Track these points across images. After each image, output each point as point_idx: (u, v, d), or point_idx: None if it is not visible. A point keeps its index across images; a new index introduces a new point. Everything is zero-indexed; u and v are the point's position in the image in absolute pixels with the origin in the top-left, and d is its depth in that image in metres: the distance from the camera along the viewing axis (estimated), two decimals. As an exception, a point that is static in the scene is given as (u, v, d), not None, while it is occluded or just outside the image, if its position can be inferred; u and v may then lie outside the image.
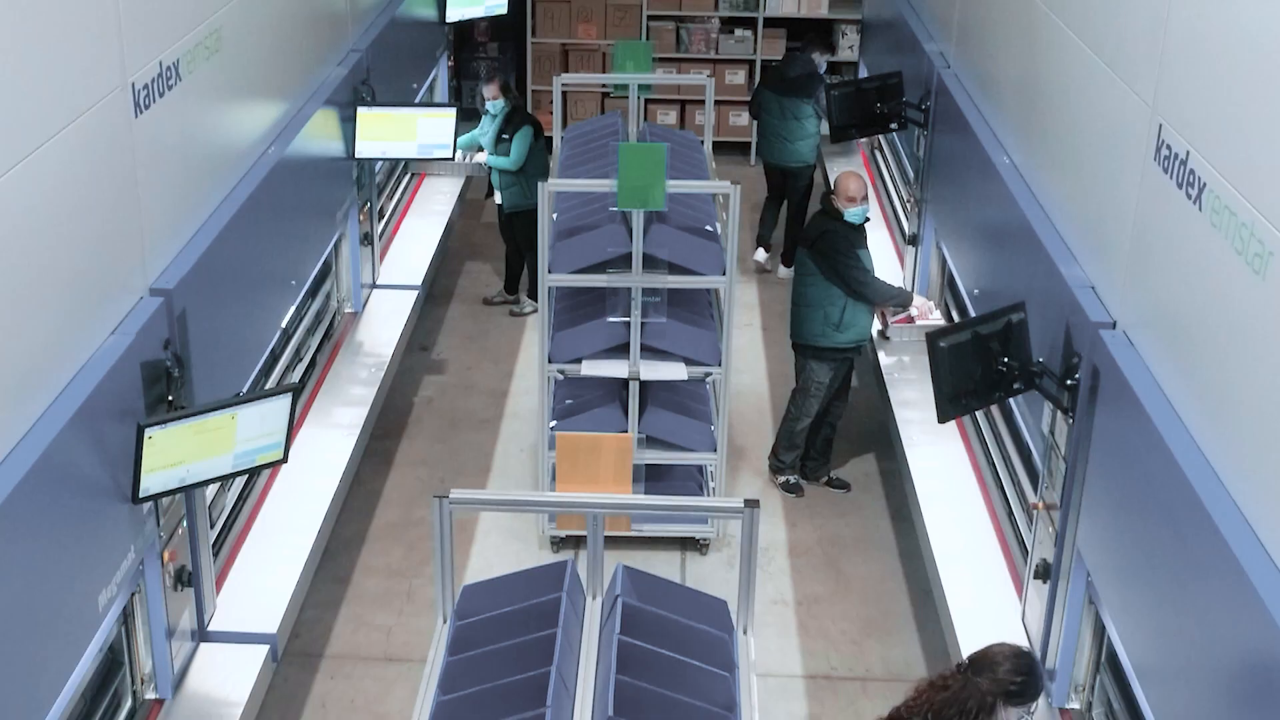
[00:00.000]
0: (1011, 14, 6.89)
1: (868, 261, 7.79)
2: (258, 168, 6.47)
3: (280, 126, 6.94)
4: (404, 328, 8.45)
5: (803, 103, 10.58)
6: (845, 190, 7.68)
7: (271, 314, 6.69)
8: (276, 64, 6.90)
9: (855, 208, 7.66)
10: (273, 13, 6.75)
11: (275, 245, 6.64)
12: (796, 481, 8.41)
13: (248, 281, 6.19)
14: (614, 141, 8.47)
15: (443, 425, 9.22)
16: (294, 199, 6.98)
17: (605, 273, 7.36)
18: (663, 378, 7.49)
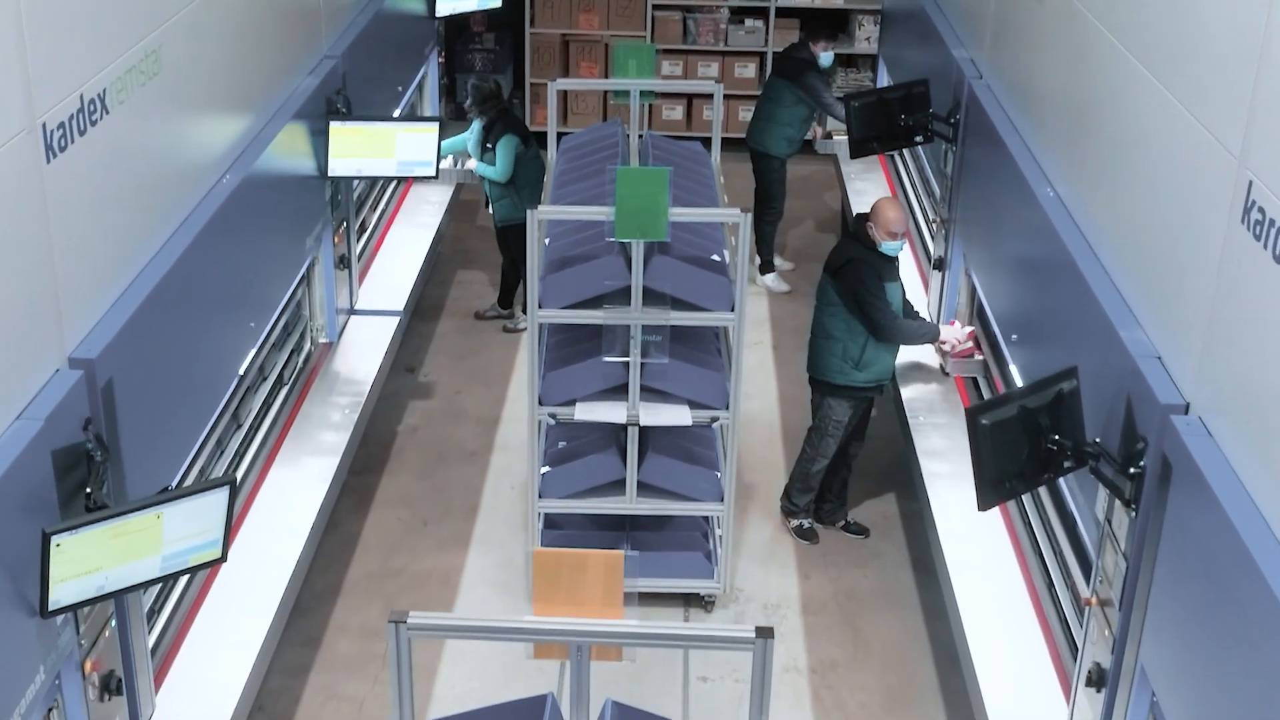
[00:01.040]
0: (1057, 27, 6.15)
1: (896, 295, 7.14)
2: (210, 199, 5.77)
3: (239, 149, 6.24)
4: (384, 358, 7.75)
5: (783, 86, 10.08)
6: (886, 221, 6.96)
7: (225, 366, 5.99)
8: (233, 80, 6.19)
9: (894, 242, 6.99)
10: (228, 23, 6.03)
11: (230, 287, 5.94)
12: (810, 526, 7.74)
13: (194, 335, 5.49)
14: (613, 161, 7.74)
15: (428, 458, 8.53)
16: (255, 229, 6.28)
17: (601, 308, 6.66)
18: (665, 423, 6.81)
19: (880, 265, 7.02)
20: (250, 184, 6.13)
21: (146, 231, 5.16)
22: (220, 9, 5.89)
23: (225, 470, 6.33)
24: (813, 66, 9.99)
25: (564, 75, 12.79)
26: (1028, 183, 6.11)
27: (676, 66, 12.70)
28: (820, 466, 7.52)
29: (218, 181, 5.91)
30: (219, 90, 5.99)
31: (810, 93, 9.93)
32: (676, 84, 8.40)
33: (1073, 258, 5.31)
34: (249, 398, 6.71)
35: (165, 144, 5.32)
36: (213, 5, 5.77)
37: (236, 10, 6.15)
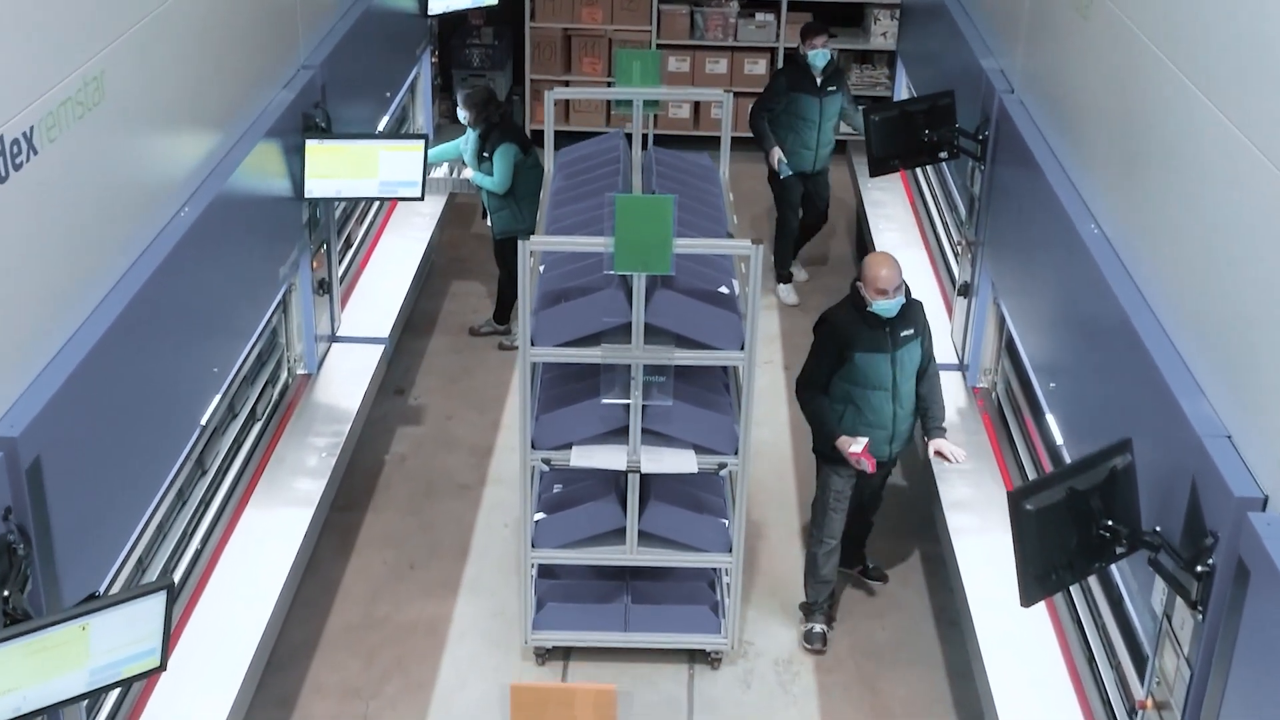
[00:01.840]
0: (1101, 43, 5.57)
1: (878, 369, 6.25)
2: (166, 235, 5.23)
3: (201, 176, 5.68)
4: (367, 391, 7.19)
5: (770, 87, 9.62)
6: (874, 278, 6.16)
7: (182, 421, 5.45)
8: (195, 100, 5.63)
9: (885, 301, 6.17)
10: (187, 38, 5.47)
11: (189, 331, 5.39)
12: (822, 631, 6.86)
13: (143, 395, 4.95)
14: (613, 178, 7.17)
15: (416, 492, 8.00)
16: (219, 264, 5.73)
17: (600, 346, 6.11)
18: (668, 470, 6.26)
19: (858, 331, 6.22)
20: (214, 214, 5.58)
21: (86, 282, 4.62)
22: (178, 23, 5.34)
23: (185, 526, 5.80)
24: (785, 69, 9.47)
25: (565, 71, 12.24)
26: (1068, 216, 5.55)
27: (683, 62, 12.13)
28: (829, 549, 6.75)
29: (175, 214, 5.35)
30: (178, 113, 5.44)
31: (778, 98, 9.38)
32: (683, 92, 7.85)
33: (1124, 311, 4.74)
34: (216, 440, 6.17)
35: (111, 179, 4.77)
36: (169, 20, 5.22)
37: (197, 23, 5.59)
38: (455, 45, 11.80)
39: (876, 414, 6.33)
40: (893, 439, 6.43)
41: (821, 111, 9.26)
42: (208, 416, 5.71)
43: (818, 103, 9.23)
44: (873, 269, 6.19)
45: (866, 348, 6.22)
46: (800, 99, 9.23)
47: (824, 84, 9.22)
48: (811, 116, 9.23)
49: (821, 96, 9.23)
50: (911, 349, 6.32)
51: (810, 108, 9.23)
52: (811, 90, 9.22)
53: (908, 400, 6.38)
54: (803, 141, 9.35)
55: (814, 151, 9.37)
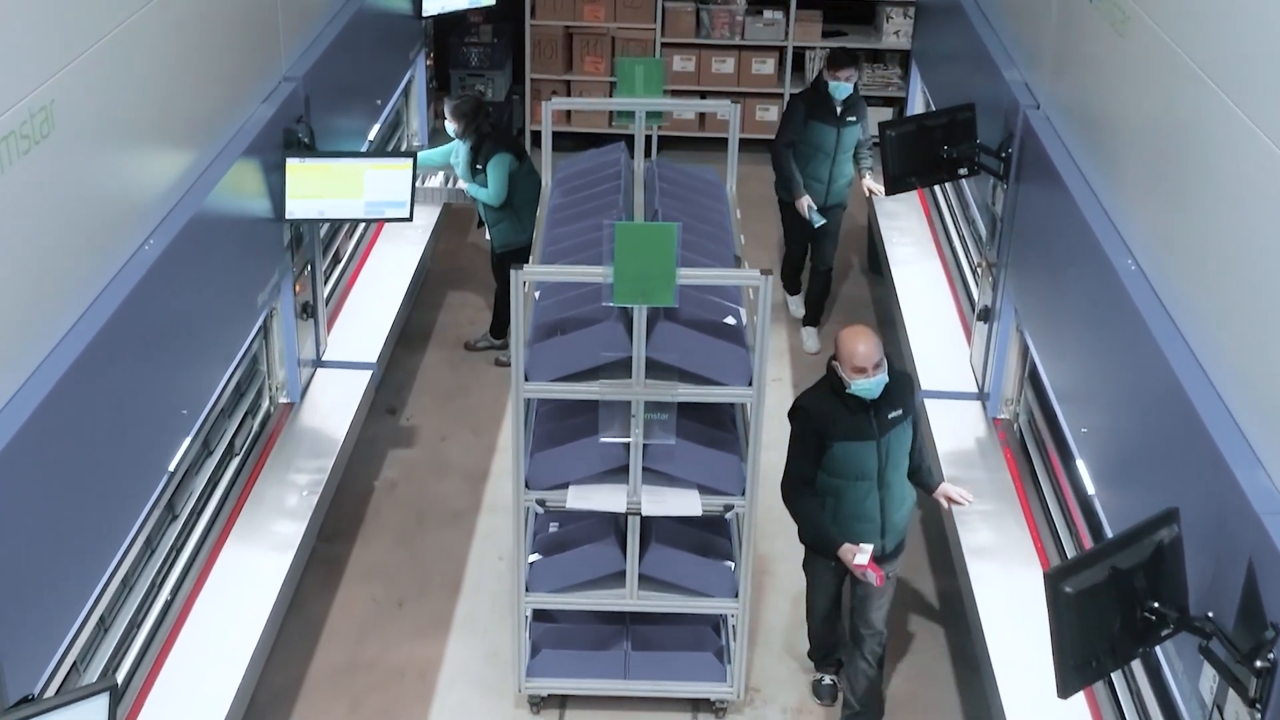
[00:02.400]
0: (1139, 62, 5.16)
1: (862, 459, 5.61)
2: (128, 271, 4.84)
3: (169, 203, 5.30)
4: (353, 420, 6.81)
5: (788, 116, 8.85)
6: (850, 355, 5.50)
7: (145, 472, 5.06)
8: (162, 122, 5.25)
9: (863, 380, 5.50)
10: (151, 58, 5.08)
11: (153, 375, 5.01)
12: (831, 684, 6.45)
13: (98, 449, 4.57)
14: (613, 197, 6.78)
15: (406, 520, 7.62)
16: (188, 299, 5.35)
17: (598, 380, 5.73)
18: (671, 513, 5.89)
19: (837, 417, 5.58)
20: (185, 243, 5.20)
21: (38, 327, 4.23)
22: (142, 42, 4.95)
23: (154, 576, 5.42)
24: (804, 95, 8.69)
25: (567, 71, 11.84)
26: (1102, 249, 5.14)
27: (689, 62, 11.72)
28: (814, 625, 6.36)
29: (140, 247, 4.96)
30: (144, 137, 5.06)
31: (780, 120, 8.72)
32: (688, 103, 7.42)
33: (1169, 365, 4.35)
34: (189, 480, 5.79)
35: (62, 218, 4.38)
36: (131, 39, 4.83)
37: (164, 41, 5.19)
38: (453, 44, 11.39)
39: (859, 507, 5.68)
40: (884, 532, 5.75)
41: (839, 143, 8.58)
42: (176, 461, 5.32)
43: (835, 133, 8.55)
44: (848, 344, 5.51)
45: (847, 435, 5.57)
46: (816, 128, 8.55)
47: (843, 113, 8.55)
48: (827, 148, 8.58)
49: (840, 127, 8.55)
50: (900, 433, 5.66)
51: (826, 138, 8.56)
52: (829, 119, 8.54)
53: (898, 491, 5.72)
54: (815, 173, 8.68)
55: (825, 185, 8.68)
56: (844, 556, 5.67)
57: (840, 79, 8.40)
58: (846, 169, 8.69)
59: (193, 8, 5.44)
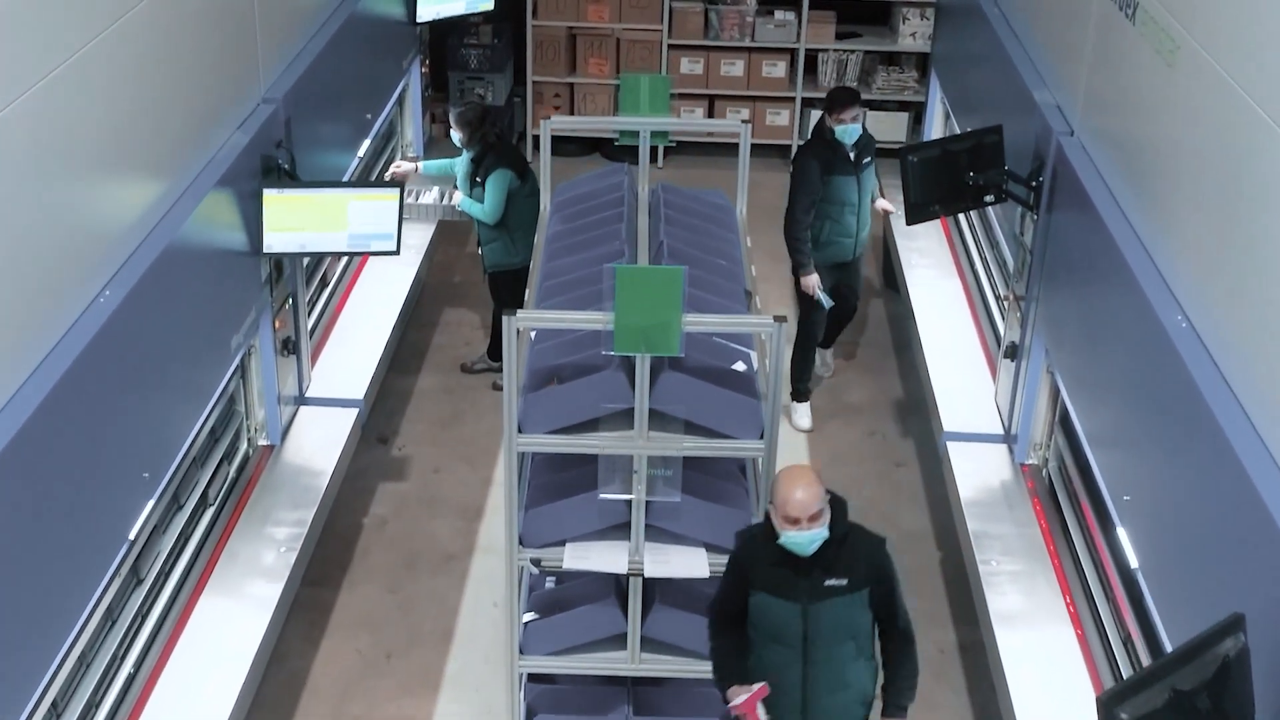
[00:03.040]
0: (1190, 95, 4.71)
1: (779, 616, 4.66)
2: (84, 323, 4.41)
3: (131, 245, 4.86)
4: (336, 464, 6.39)
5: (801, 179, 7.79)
6: (783, 502, 4.53)
7: (102, 542, 4.64)
8: (123, 155, 4.83)
9: (795, 533, 4.52)
10: (111, 81, 4.65)
11: (110, 438, 4.57)
12: None
13: (45, 521, 4.14)
14: (615, 225, 6.34)
15: (396, 563, 7.20)
16: (154, 346, 4.93)
17: (597, 432, 5.30)
18: (677, 574, 5.47)
19: (763, 569, 4.68)
20: (147, 290, 4.77)
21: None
22: (101, 66, 4.53)
23: (116, 648, 5.01)
24: (812, 149, 7.74)
25: (570, 73, 11.40)
26: (1148, 300, 4.70)
27: (697, 64, 11.27)
28: None
29: (95, 299, 4.53)
30: (101, 169, 4.63)
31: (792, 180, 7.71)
32: (696, 122, 6.97)
33: (1227, 440, 3.92)
34: (156, 539, 5.37)
35: (9, 260, 3.95)
36: (90, 63, 4.41)
37: (126, 65, 4.77)
38: (452, 46, 10.93)
39: (779, 676, 4.71)
40: (805, 715, 4.75)
41: (860, 190, 7.70)
42: (137, 528, 4.89)
43: (854, 181, 7.65)
44: (783, 488, 4.52)
45: (770, 589, 4.65)
46: (835, 182, 7.60)
47: (858, 157, 7.67)
48: (850, 199, 7.65)
49: (859, 173, 7.67)
50: (841, 608, 4.62)
51: (847, 190, 7.64)
52: (846, 169, 7.62)
53: (830, 671, 4.69)
54: (843, 229, 7.74)
55: (854, 238, 7.79)
56: (730, 696, 4.79)
57: (846, 120, 7.54)
58: (868, 214, 7.90)
59: (159, 28, 5.02)
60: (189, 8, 5.27)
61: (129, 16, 4.74)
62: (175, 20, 5.14)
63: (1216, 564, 4.01)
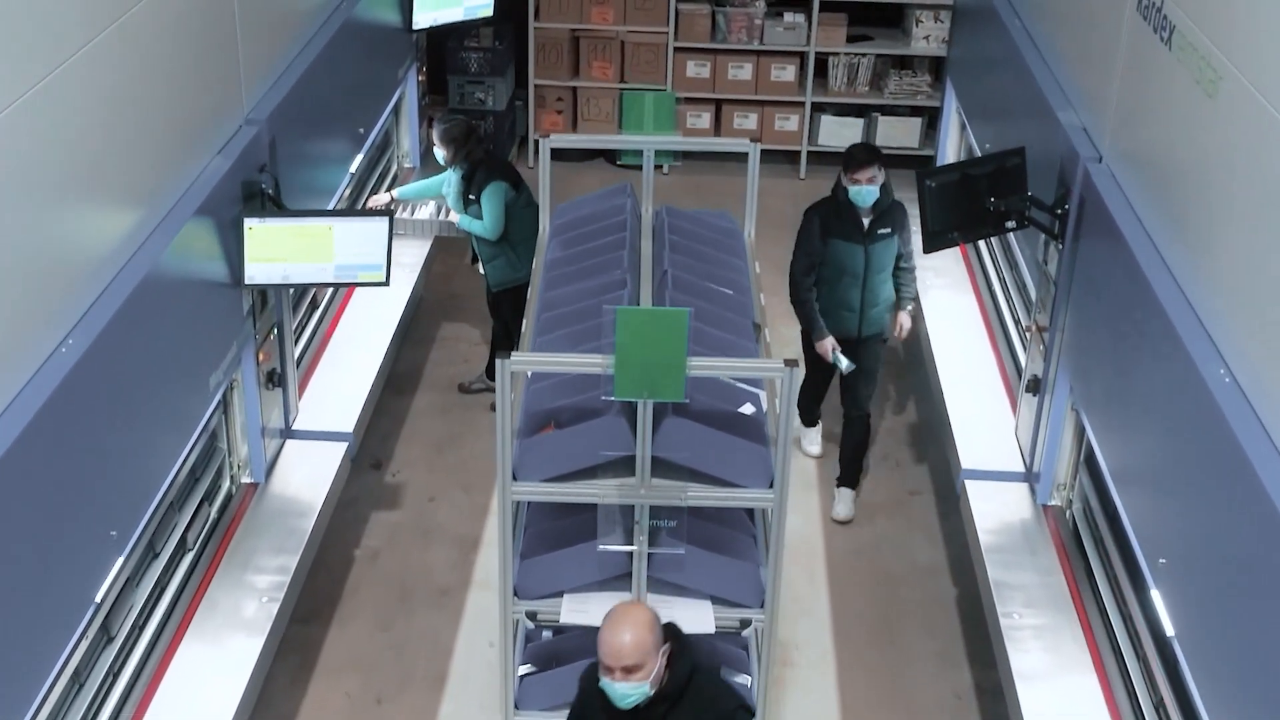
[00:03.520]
0: (1232, 134, 4.38)
1: None
2: (45, 374, 4.10)
3: (99, 286, 4.55)
4: (323, 505, 6.08)
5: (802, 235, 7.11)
6: (599, 644, 4.13)
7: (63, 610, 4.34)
8: (93, 183, 4.51)
9: (615, 684, 4.12)
10: (82, 105, 4.35)
11: (73, 497, 4.26)
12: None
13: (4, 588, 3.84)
14: (617, 251, 6.03)
15: (388, 599, 6.90)
16: (123, 394, 4.62)
17: (596, 480, 5.01)
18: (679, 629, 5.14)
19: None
20: (115, 335, 4.46)
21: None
22: (72, 91, 4.22)
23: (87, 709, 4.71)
24: (820, 206, 6.99)
25: (573, 76, 11.07)
26: (1186, 350, 4.39)
27: (703, 68, 10.94)
28: None
29: (58, 347, 4.22)
30: (70, 200, 4.31)
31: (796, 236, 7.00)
32: (702, 142, 6.62)
33: (1276, 507, 3.59)
34: (129, 592, 5.07)
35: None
36: (60, 89, 4.11)
37: (99, 89, 4.46)
38: (451, 49, 10.59)
39: None
40: None
41: (868, 262, 6.80)
42: (105, 588, 4.59)
43: (862, 251, 6.79)
44: (601, 633, 4.11)
45: None
46: (838, 247, 6.80)
47: (872, 225, 6.80)
48: (854, 269, 6.80)
49: (868, 243, 6.79)
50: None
51: (852, 258, 6.80)
52: (853, 235, 6.78)
53: None
54: (843, 300, 6.89)
55: (857, 313, 6.89)
56: None
57: (860, 182, 6.67)
58: (884, 290, 6.91)
59: (132, 50, 4.70)
60: (164, 26, 4.95)
61: (100, 39, 4.43)
62: (149, 41, 4.83)
63: (1261, 635, 3.70)
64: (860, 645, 6.63)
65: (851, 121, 11.07)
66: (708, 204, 10.29)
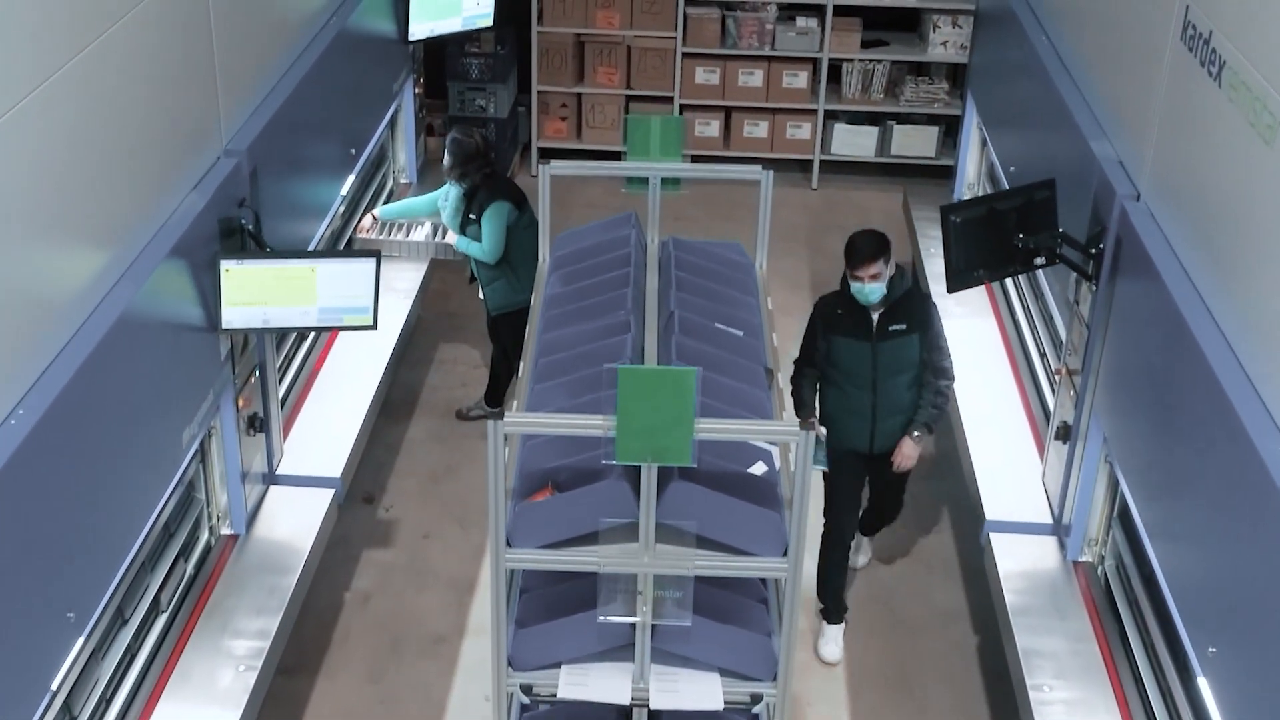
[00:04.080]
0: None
1: None
2: None
3: (58, 343, 4.19)
4: (308, 558, 5.72)
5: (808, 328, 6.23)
6: None
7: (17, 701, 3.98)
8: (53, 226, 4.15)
9: None
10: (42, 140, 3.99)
11: (20, 581, 3.90)
12: None
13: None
14: (620, 290, 5.66)
15: (379, 647, 6.56)
16: (82, 458, 4.25)
17: (597, 545, 4.65)
18: (686, 705, 4.82)
19: None
20: (73, 400, 4.10)
21: None
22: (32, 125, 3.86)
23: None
24: (825, 300, 6.08)
25: (578, 82, 10.71)
26: (1239, 420, 4.02)
27: (712, 74, 10.57)
28: None
29: (8, 417, 3.86)
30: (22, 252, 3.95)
31: None
32: (711, 169, 6.23)
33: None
34: (94, 665, 4.72)
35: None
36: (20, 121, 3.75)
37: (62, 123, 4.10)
38: (451, 54, 10.22)
39: None
40: None
41: (877, 363, 5.87)
42: (62, 675, 4.23)
43: (869, 350, 5.87)
44: None
45: None
46: (839, 345, 5.91)
47: (883, 320, 5.86)
48: (860, 372, 5.89)
49: (877, 340, 5.87)
50: None
51: (856, 359, 5.89)
52: (858, 332, 5.87)
53: None
54: (850, 405, 5.97)
55: (869, 423, 5.98)
56: None
57: (861, 279, 5.76)
58: (904, 397, 5.95)
59: (97, 81, 4.36)
60: (131, 54, 4.59)
61: (62, 72, 4.09)
62: (115, 71, 4.48)
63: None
64: (877, 700, 6.28)
65: (866, 130, 10.69)
66: (716, 215, 9.98)
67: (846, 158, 10.75)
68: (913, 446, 6.01)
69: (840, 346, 5.93)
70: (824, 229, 10.15)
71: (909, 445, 6.01)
